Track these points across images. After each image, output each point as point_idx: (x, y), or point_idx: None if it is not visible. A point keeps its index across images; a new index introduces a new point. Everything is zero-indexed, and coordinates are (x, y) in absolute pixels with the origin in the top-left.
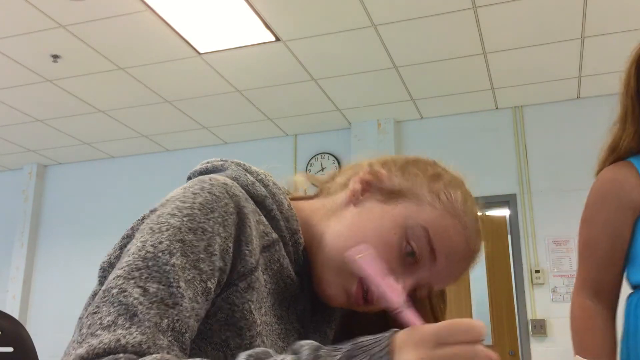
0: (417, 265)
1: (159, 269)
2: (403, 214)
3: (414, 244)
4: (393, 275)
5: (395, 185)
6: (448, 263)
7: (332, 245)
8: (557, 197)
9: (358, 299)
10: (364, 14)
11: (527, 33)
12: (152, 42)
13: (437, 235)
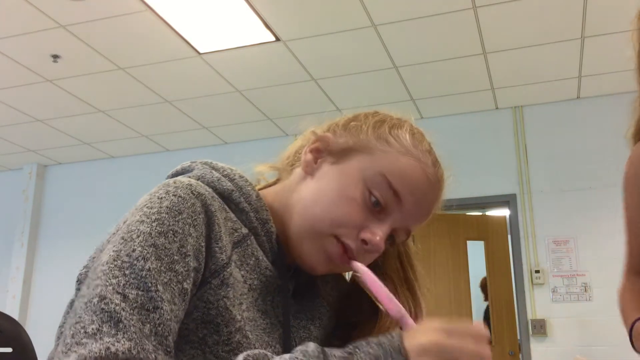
0: (386, 211)
1: (136, 275)
2: (358, 168)
3: (377, 193)
4: (368, 228)
5: (342, 143)
6: (415, 200)
7: (300, 217)
8: (557, 197)
9: (339, 257)
10: (364, 14)
11: (527, 33)
12: (152, 42)
13: (396, 178)
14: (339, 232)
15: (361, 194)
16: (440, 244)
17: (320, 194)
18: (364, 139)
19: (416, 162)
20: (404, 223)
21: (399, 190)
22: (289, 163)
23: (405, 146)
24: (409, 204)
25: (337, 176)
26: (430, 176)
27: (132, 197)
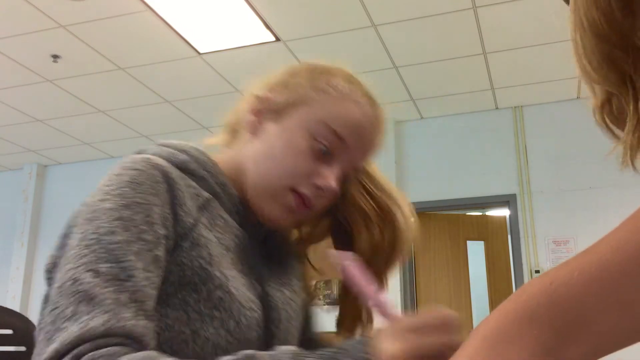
0: (334, 156)
1: (105, 249)
2: (300, 120)
3: (322, 140)
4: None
5: (282, 100)
6: (359, 139)
7: (254, 177)
8: (557, 197)
9: (298, 207)
10: (364, 14)
11: (527, 33)
12: (152, 42)
13: (337, 122)
14: (293, 183)
15: (307, 144)
16: (440, 244)
17: (268, 151)
18: (302, 92)
19: (354, 105)
20: (351, 163)
21: (342, 135)
22: (234, 127)
23: (342, 92)
24: (354, 144)
25: (282, 132)
26: (369, 117)
27: None
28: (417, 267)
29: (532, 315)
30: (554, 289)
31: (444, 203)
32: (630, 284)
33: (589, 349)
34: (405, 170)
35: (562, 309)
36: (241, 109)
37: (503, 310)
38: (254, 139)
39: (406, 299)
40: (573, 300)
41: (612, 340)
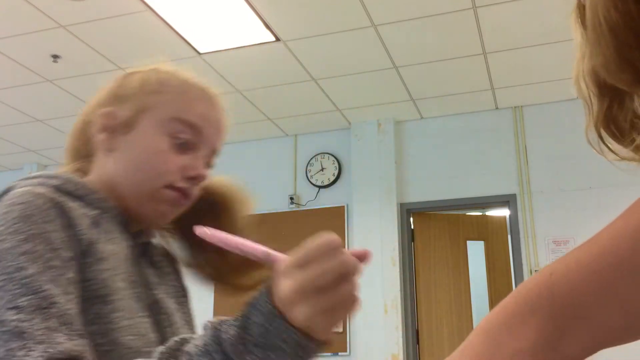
0: (194, 145)
1: (19, 285)
2: (151, 124)
3: (179, 134)
4: (188, 166)
5: (126, 113)
6: (210, 122)
7: (127, 188)
8: (557, 197)
9: (179, 200)
10: (364, 14)
11: (527, 33)
12: (152, 42)
13: (185, 113)
14: (167, 181)
15: (167, 143)
16: (440, 244)
17: (133, 162)
18: (142, 100)
19: (192, 94)
20: (211, 146)
21: (194, 122)
22: (84, 153)
23: (176, 87)
24: (207, 129)
25: (138, 141)
26: (209, 100)
27: None
28: (417, 267)
29: (533, 307)
30: (553, 281)
31: (444, 203)
32: (627, 278)
33: (587, 342)
34: (405, 170)
35: (561, 301)
36: (84, 133)
37: (504, 303)
38: (111, 155)
39: (406, 298)
40: (572, 293)
41: (611, 334)
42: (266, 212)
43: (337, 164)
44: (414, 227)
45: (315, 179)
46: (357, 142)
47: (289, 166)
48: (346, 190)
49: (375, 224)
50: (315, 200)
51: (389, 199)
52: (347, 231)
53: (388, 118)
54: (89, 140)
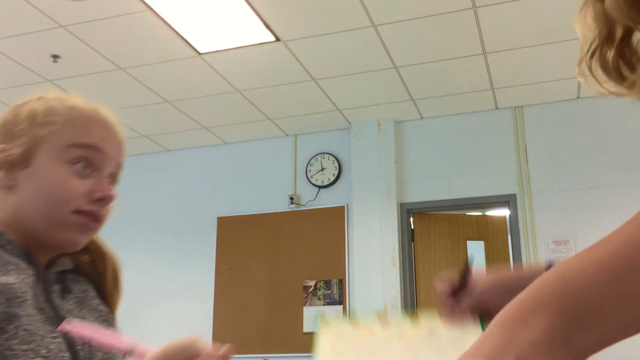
0: (98, 166)
1: None
2: (49, 156)
3: (80, 160)
4: (94, 189)
5: (20, 149)
6: (106, 137)
7: (34, 221)
8: (557, 197)
9: (90, 224)
10: (364, 14)
11: (527, 33)
12: (152, 42)
13: (81, 137)
14: (74, 207)
15: (68, 171)
16: (440, 244)
17: (36, 195)
18: (33, 134)
19: (82, 117)
20: (113, 162)
21: (91, 143)
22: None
23: (65, 114)
24: (107, 146)
25: (39, 174)
26: (100, 118)
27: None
28: (417, 267)
29: (546, 301)
30: (567, 277)
31: (444, 203)
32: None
33: (599, 337)
34: (405, 170)
35: (574, 297)
36: None
37: (519, 298)
38: (12, 192)
39: (406, 299)
40: (585, 289)
41: (623, 330)
42: (266, 212)
43: (337, 164)
44: (414, 227)
45: (315, 179)
46: (357, 142)
47: (289, 166)
48: (346, 190)
49: (375, 224)
50: (315, 200)
51: (389, 199)
52: (347, 231)
53: (388, 118)
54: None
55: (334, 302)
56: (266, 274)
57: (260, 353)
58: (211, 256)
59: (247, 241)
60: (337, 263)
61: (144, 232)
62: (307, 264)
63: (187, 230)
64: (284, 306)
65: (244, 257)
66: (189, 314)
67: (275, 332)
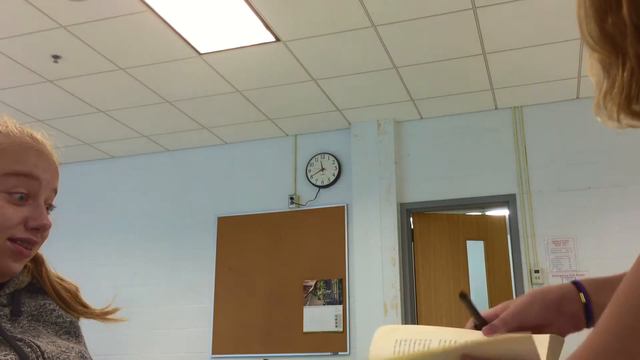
0: (33, 194)
1: None
2: None
3: (15, 189)
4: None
5: None
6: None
7: None
8: (557, 197)
9: (23, 252)
10: (364, 14)
11: (527, 33)
12: (152, 42)
13: (15, 166)
14: (11, 235)
15: (4, 199)
16: (440, 244)
17: None
18: None
19: (16, 145)
20: (48, 188)
21: (27, 172)
22: None
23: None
24: (42, 174)
25: None
26: (34, 145)
27: (132, 197)
28: (417, 267)
29: None
30: None
31: (443, 203)
32: None
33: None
34: (405, 170)
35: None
36: None
37: None
38: None
39: (406, 298)
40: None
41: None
42: (266, 212)
43: (337, 164)
44: (414, 227)
45: (315, 179)
46: (357, 142)
47: (289, 166)
48: (346, 190)
49: (375, 224)
50: (315, 200)
51: (389, 199)
52: (347, 231)
53: (388, 118)
54: None
55: (334, 302)
56: (266, 274)
57: (261, 353)
58: (211, 256)
59: (247, 241)
60: (337, 263)
61: (144, 232)
62: (307, 264)
63: (187, 230)
64: (284, 306)
65: (244, 257)
66: (189, 314)
67: (275, 332)
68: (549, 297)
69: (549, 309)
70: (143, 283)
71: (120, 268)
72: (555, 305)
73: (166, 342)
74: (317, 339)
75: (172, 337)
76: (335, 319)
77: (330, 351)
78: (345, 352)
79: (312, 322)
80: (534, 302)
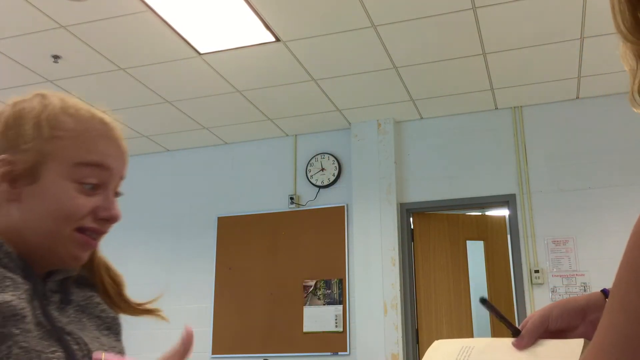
0: (104, 183)
1: None
2: (57, 174)
3: (87, 179)
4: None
5: (26, 164)
6: (112, 153)
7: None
8: (557, 197)
9: (91, 242)
10: (364, 14)
11: (527, 33)
12: (152, 43)
13: (90, 156)
14: (80, 225)
15: (76, 189)
16: (440, 244)
17: (42, 212)
18: (39, 149)
19: (89, 132)
20: (118, 177)
21: (99, 162)
22: None
23: (71, 128)
24: (113, 163)
25: (46, 192)
26: (108, 131)
27: (133, 197)
28: (417, 267)
29: None
30: None
31: (443, 203)
32: None
33: None
34: (405, 170)
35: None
36: None
37: None
38: (15, 205)
39: (406, 298)
40: None
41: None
42: (266, 212)
43: (337, 164)
44: (414, 227)
45: (315, 179)
46: (357, 142)
47: (289, 166)
48: (346, 190)
49: (375, 224)
50: (315, 200)
51: (389, 199)
52: (347, 231)
53: (388, 118)
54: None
55: (334, 302)
56: (266, 274)
57: (261, 353)
58: (211, 256)
59: (247, 241)
60: (337, 263)
61: (144, 232)
62: (307, 264)
63: (187, 230)
64: (284, 306)
65: (244, 257)
66: (189, 314)
67: (275, 332)
68: (573, 304)
69: (572, 314)
70: (143, 283)
71: (120, 268)
72: (580, 311)
73: (166, 342)
74: (317, 339)
75: (172, 337)
76: (335, 319)
77: (330, 351)
78: (345, 352)
79: (312, 322)
80: (553, 308)
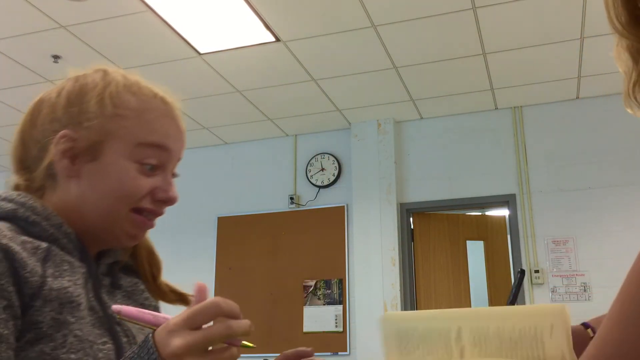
0: (162, 164)
1: None
2: (118, 152)
3: (147, 160)
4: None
5: (88, 141)
6: (173, 137)
7: (94, 213)
8: (557, 197)
9: (147, 222)
10: (364, 14)
11: (527, 33)
12: (152, 43)
13: (151, 137)
14: (137, 206)
15: (136, 170)
16: (440, 244)
17: (101, 190)
18: (101, 127)
19: (151, 112)
20: (177, 158)
21: (160, 143)
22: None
23: (134, 107)
24: (173, 144)
25: (106, 170)
26: (169, 112)
27: None
28: (417, 267)
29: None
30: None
31: (443, 203)
32: None
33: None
34: (405, 170)
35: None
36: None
37: None
38: (75, 181)
39: (406, 298)
40: None
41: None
42: (266, 212)
43: (337, 164)
44: (414, 227)
45: (315, 179)
46: (357, 142)
47: (289, 166)
48: (346, 190)
49: (375, 224)
50: (315, 200)
51: (389, 199)
52: (347, 231)
53: (388, 118)
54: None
55: (334, 302)
56: (266, 274)
57: (261, 353)
58: (211, 256)
59: (247, 241)
60: (337, 263)
61: None
62: (307, 264)
63: (187, 230)
64: (284, 306)
65: (244, 257)
66: None
67: (275, 332)
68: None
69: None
70: None
71: None
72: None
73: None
74: (317, 339)
75: None
76: (335, 319)
77: (330, 351)
78: (345, 352)
79: (312, 322)
80: None
